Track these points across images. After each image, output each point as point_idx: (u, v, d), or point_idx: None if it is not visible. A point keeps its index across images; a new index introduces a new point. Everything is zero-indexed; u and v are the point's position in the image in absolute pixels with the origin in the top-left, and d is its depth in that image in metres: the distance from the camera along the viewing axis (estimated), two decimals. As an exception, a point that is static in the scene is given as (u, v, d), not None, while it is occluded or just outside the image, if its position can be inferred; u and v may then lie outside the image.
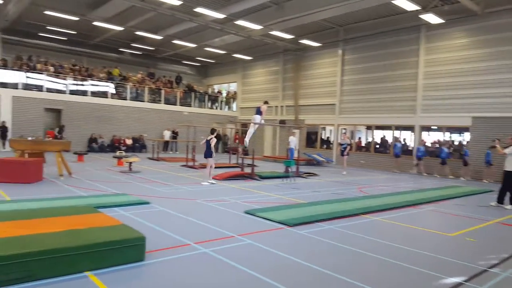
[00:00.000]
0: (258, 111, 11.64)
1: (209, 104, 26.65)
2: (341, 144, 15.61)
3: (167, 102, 24.11)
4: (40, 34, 21.59)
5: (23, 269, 3.46)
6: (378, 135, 19.58)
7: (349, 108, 20.12)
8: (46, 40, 22.28)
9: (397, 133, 18.56)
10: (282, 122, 22.83)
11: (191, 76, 29.39)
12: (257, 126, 12.03)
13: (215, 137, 10.72)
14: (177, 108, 24.25)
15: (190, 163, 14.98)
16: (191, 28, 19.32)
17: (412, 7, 14.41)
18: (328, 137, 22.07)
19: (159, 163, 16.35)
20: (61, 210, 5.77)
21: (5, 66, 18.92)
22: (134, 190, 8.82)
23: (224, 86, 29.21)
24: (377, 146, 19.40)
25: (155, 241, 4.82)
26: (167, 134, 22.81)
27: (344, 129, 20.02)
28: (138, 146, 21.71)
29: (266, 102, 12.12)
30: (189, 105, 25.17)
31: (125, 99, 22.33)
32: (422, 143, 16.95)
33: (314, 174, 14.07)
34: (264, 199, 8.59)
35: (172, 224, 5.96)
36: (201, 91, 26.77)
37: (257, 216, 6.71)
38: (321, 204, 8.12)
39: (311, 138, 22.39)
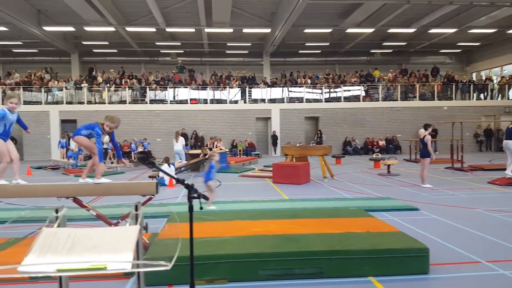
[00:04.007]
0: None
1: (476, 95, 22.85)
2: None
3: (423, 98, 22.32)
4: (299, 51, 24.57)
5: (314, 265, 3.68)
6: None
7: None
8: (304, 56, 25.14)
9: None
10: None
11: (450, 66, 26.15)
12: None
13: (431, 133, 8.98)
14: (435, 103, 22.03)
15: (457, 165, 13.10)
16: (450, 12, 17.13)
17: None
18: None
19: (417, 165, 15.17)
20: (334, 211, 6.06)
21: (274, 85, 22.57)
22: (396, 194, 8.37)
23: (495, 70, 24.35)
24: None
25: (435, 253, 4.25)
26: (422, 133, 21.02)
27: None
28: (391, 147, 21.09)
29: None
30: (450, 98, 22.39)
31: (376, 100, 22.25)
32: None
33: None
34: None
35: (451, 235, 5.20)
36: (463, 81, 23.35)
37: None
38: None
39: None
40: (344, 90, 22.39)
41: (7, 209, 7.38)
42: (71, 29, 19.29)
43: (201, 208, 2.22)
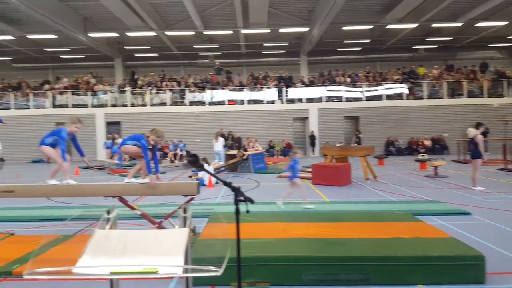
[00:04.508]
0: None
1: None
2: None
3: (471, 95, 21.11)
4: (338, 49, 24.04)
5: (361, 271, 3.54)
6: None
7: None
8: (343, 54, 24.53)
9: None
10: None
11: (501, 60, 24.52)
12: None
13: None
14: (484, 100, 20.76)
15: (511, 166, 12.25)
16: (499, 4, 16.07)
17: None
18: None
19: (467, 166, 14.36)
20: (379, 215, 5.83)
21: (312, 84, 22.24)
22: (446, 197, 7.92)
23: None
24: None
25: (491, 261, 3.94)
26: (472, 132, 19.84)
27: None
28: (438, 147, 20.10)
29: None
30: (501, 95, 21.02)
31: (421, 98, 21.32)
32: None
33: None
34: None
35: (507, 242, 4.84)
36: (516, 76, 21.85)
37: None
38: None
39: None
40: (386, 88, 21.63)
41: (58, 207, 7.77)
42: (114, 35, 20.11)
43: (247, 211, 2.17)
